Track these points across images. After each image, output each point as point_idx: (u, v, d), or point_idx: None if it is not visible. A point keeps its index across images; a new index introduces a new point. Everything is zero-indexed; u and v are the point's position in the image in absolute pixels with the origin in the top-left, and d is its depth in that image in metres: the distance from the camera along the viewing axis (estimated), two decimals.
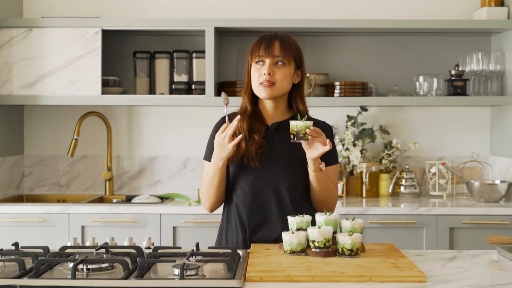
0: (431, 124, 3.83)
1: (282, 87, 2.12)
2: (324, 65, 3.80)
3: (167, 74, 3.69)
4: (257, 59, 2.12)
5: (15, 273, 1.65)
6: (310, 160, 2.03)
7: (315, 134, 1.96)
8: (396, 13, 3.77)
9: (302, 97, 2.20)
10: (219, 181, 2.11)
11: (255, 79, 2.13)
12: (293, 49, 2.15)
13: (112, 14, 3.79)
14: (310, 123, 1.96)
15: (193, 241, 2.98)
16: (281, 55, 2.11)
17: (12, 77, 3.47)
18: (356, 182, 3.70)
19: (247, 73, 2.19)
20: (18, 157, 3.76)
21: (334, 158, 2.19)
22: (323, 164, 2.06)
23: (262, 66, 2.11)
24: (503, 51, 3.61)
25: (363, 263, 1.76)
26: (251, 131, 2.14)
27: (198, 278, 1.63)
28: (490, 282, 1.71)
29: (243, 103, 2.19)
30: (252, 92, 2.17)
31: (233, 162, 2.14)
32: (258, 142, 2.12)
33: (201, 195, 2.20)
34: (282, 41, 2.13)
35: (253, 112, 2.18)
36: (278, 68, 2.11)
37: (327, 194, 2.12)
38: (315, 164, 2.04)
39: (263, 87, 2.10)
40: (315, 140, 1.97)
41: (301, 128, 1.95)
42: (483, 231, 3.15)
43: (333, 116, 3.74)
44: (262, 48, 2.11)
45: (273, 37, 2.14)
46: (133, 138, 3.84)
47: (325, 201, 2.14)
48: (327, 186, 2.11)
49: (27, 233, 3.20)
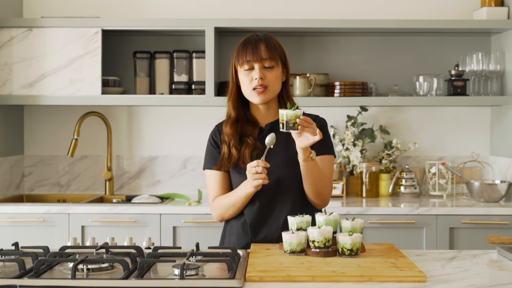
0: (431, 124, 3.83)
1: (274, 89, 2.12)
2: (324, 65, 3.80)
3: (167, 74, 3.69)
4: (245, 65, 2.11)
5: (15, 273, 1.65)
6: (299, 149, 2.00)
7: (305, 123, 1.94)
8: (396, 13, 3.77)
9: (289, 94, 2.21)
10: (242, 204, 2.12)
11: (246, 84, 2.12)
12: (278, 49, 2.14)
13: (112, 14, 3.79)
14: (300, 112, 1.94)
15: (193, 241, 2.98)
16: (269, 57, 2.10)
17: (12, 77, 3.47)
18: (356, 182, 3.70)
19: (231, 78, 2.18)
20: (18, 157, 3.76)
21: (328, 149, 2.18)
22: (313, 153, 2.03)
23: (251, 71, 2.11)
24: (503, 51, 3.61)
25: (363, 263, 1.76)
26: (244, 135, 2.15)
27: (198, 278, 1.64)
28: (490, 282, 1.71)
29: (227, 109, 2.19)
30: (237, 97, 2.17)
31: (227, 168, 2.16)
32: (251, 144, 2.12)
33: (217, 209, 2.18)
34: (267, 43, 2.12)
35: (241, 116, 2.17)
36: (268, 71, 2.10)
37: (320, 184, 2.09)
38: (305, 153, 2.01)
39: (257, 93, 2.10)
40: (305, 130, 1.94)
41: (291, 118, 1.93)
42: (483, 231, 3.15)
43: (333, 116, 3.74)
44: (248, 53, 2.10)
45: (257, 39, 2.13)
46: (133, 138, 3.84)
47: (318, 191, 2.11)
48: (319, 176, 2.08)
49: (27, 233, 3.20)
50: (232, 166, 2.15)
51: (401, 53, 3.81)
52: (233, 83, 2.17)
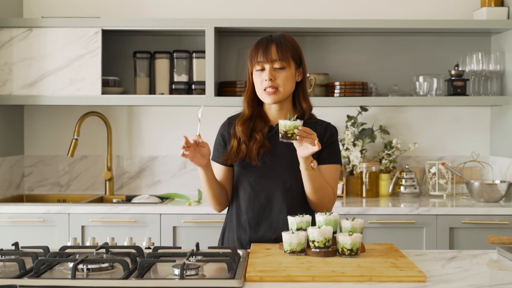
0: (431, 124, 3.83)
1: (285, 90, 2.13)
2: (324, 65, 3.80)
3: (167, 74, 3.69)
4: (256, 66, 2.13)
5: (15, 273, 1.65)
6: (300, 158, 2.03)
7: (304, 134, 1.95)
8: (396, 13, 3.77)
9: (305, 95, 2.21)
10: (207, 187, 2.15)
11: (258, 85, 2.14)
12: (290, 49, 2.14)
13: (112, 14, 3.78)
14: (299, 123, 1.96)
15: (193, 241, 2.99)
16: (279, 59, 2.11)
17: (12, 77, 3.47)
18: (356, 182, 3.70)
19: (248, 79, 2.20)
20: (18, 157, 3.76)
21: (336, 158, 2.18)
22: (314, 162, 2.05)
23: (262, 72, 2.12)
24: (503, 51, 3.61)
25: (363, 263, 1.76)
26: (253, 130, 2.16)
27: (198, 278, 1.64)
28: (490, 282, 1.71)
29: (243, 107, 2.22)
30: (253, 97, 2.19)
31: (233, 162, 2.17)
32: (259, 141, 2.14)
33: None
34: (278, 44, 2.13)
35: (256, 113, 2.20)
36: (279, 72, 2.11)
37: (321, 193, 2.10)
38: (306, 162, 2.04)
39: (267, 94, 2.12)
40: (304, 141, 1.96)
41: (289, 128, 1.95)
42: (483, 231, 3.15)
43: (333, 116, 3.73)
44: (260, 54, 2.12)
45: (269, 40, 2.14)
46: (133, 138, 3.84)
47: (319, 201, 2.12)
48: (320, 185, 2.09)
49: (27, 233, 3.20)
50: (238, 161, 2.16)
51: (401, 53, 3.81)
52: (249, 83, 2.19)
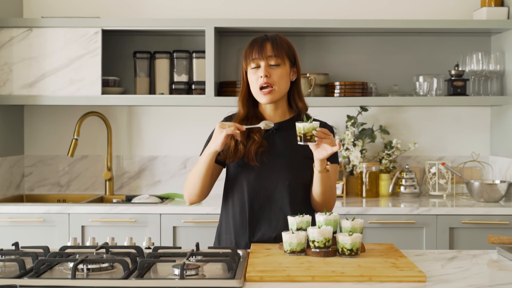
0: (431, 124, 3.83)
1: (280, 89, 2.13)
2: (324, 65, 3.80)
3: (167, 74, 3.69)
4: (252, 63, 2.13)
5: (15, 273, 1.65)
6: (317, 160, 2.02)
7: (323, 135, 1.96)
8: (397, 13, 3.77)
9: (300, 94, 2.22)
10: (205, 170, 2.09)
11: (253, 83, 2.14)
12: (285, 48, 2.15)
13: (112, 14, 3.78)
14: (316, 124, 1.95)
15: (193, 241, 2.98)
16: (274, 55, 2.12)
17: (12, 77, 3.47)
18: (356, 182, 3.70)
19: (242, 78, 2.20)
20: (18, 157, 3.76)
21: (334, 158, 2.20)
22: (329, 165, 2.06)
23: (257, 69, 2.12)
24: (503, 51, 3.61)
25: (363, 263, 1.76)
26: (251, 131, 2.16)
27: (198, 278, 1.64)
28: (490, 282, 1.71)
29: (238, 107, 2.22)
30: (248, 96, 2.19)
31: (230, 162, 2.15)
32: (258, 141, 2.13)
33: (186, 189, 2.18)
34: (273, 42, 2.14)
35: (252, 113, 2.19)
36: (274, 69, 2.12)
37: (329, 195, 2.12)
38: (322, 165, 2.04)
39: (263, 94, 2.12)
40: (323, 142, 1.96)
41: (308, 130, 1.94)
42: (483, 231, 3.15)
43: (333, 116, 3.74)
44: (255, 51, 2.13)
45: (264, 39, 2.16)
46: (133, 138, 3.84)
47: (326, 202, 2.13)
48: (330, 187, 2.11)
49: (27, 233, 3.20)
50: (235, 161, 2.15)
51: (401, 53, 3.81)
52: (244, 83, 2.19)
